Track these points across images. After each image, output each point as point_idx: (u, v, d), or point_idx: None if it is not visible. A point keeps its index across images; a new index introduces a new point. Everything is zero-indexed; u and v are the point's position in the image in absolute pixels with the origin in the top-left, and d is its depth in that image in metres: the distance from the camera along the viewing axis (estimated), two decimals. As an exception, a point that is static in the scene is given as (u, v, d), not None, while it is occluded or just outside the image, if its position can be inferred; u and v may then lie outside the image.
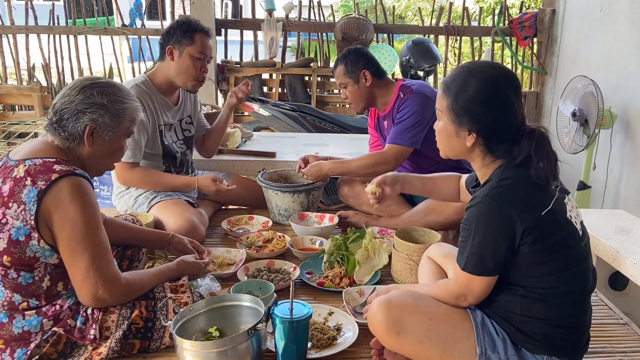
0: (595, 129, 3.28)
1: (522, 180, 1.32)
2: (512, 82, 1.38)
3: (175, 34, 2.35)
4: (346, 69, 2.51)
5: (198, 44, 2.35)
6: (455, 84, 1.39)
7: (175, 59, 2.36)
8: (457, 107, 1.37)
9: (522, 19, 4.99)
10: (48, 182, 1.39)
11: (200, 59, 2.38)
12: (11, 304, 1.42)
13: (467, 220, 1.34)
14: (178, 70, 2.38)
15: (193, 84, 2.43)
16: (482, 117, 1.35)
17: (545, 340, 1.32)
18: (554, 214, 1.29)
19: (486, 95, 1.35)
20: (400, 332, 1.34)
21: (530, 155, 1.31)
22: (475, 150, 1.41)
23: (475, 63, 1.47)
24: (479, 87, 1.35)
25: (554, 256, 1.30)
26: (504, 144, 1.36)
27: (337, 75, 2.55)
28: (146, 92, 2.36)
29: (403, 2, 13.45)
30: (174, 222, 2.22)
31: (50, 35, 5.22)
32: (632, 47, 3.53)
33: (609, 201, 3.69)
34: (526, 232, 1.26)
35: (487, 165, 1.41)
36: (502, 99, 1.35)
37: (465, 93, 1.36)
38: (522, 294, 1.32)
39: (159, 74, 2.43)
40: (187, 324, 1.47)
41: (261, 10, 5.15)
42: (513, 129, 1.35)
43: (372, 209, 2.59)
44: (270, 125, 4.57)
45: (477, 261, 1.30)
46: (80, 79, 1.54)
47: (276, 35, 4.97)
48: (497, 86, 1.36)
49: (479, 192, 1.36)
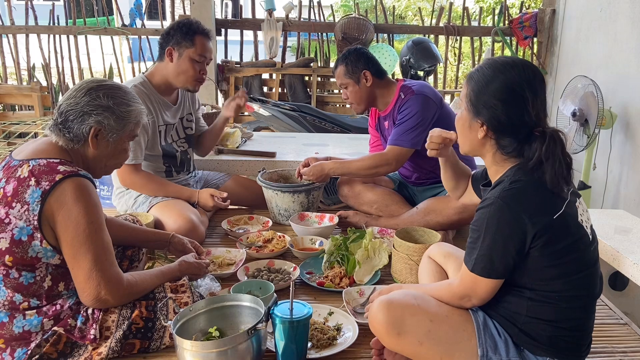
0: (595, 129, 3.28)
1: (534, 183, 1.30)
2: (531, 80, 1.34)
3: (175, 35, 2.34)
4: (347, 70, 2.50)
5: (198, 46, 2.35)
6: (476, 74, 1.39)
7: (175, 60, 2.36)
8: (473, 96, 1.38)
9: (522, 19, 4.99)
10: (52, 183, 1.39)
11: (200, 62, 2.38)
12: (12, 304, 1.42)
13: (477, 221, 1.33)
14: (177, 72, 2.38)
15: (193, 84, 2.43)
16: (494, 109, 1.34)
17: (548, 342, 1.32)
18: (565, 218, 1.28)
19: (501, 88, 1.34)
20: (401, 332, 1.34)
21: (541, 159, 1.30)
22: (486, 145, 1.40)
23: (501, 57, 1.46)
24: (496, 79, 1.35)
25: (563, 260, 1.29)
26: (513, 141, 1.35)
27: (338, 76, 2.55)
28: (145, 92, 2.36)
29: (403, 2, 13.45)
30: (174, 222, 2.22)
31: (50, 35, 5.22)
32: (632, 47, 3.53)
33: (609, 201, 3.69)
34: (537, 235, 1.25)
35: (498, 162, 1.40)
36: (516, 95, 1.33)
37: (482, 84, 1.36)
38: (529, 296, 1.32)
39: (157, 74, 2.42)
40: (187, 324, 1.47)
41: (261, 10, 5.15)
42: (524, 127, 1.34)
43: (372, 208, 2.60)
44: (270, 125, 4.57)
45: (486, 263, 1.29)
46: (87, 80, 1.55)
47: (276, 35, 4.97)
48: (515, 81, 1.33)
49: (490, 193, 1.34)
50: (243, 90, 2.73)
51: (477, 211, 1.35)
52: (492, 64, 1.39)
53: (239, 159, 3.09)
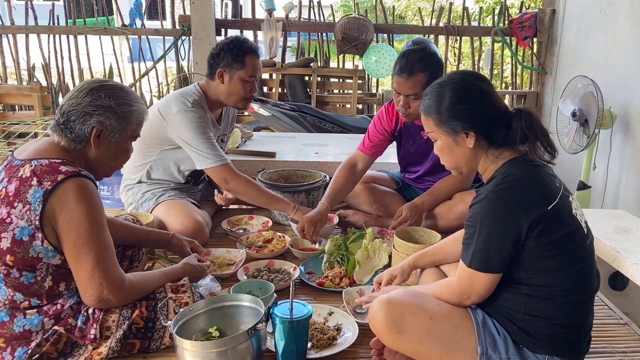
0: (595, 129, 3.28)
1: (526, 176, 1.33)
2: (477, 76, 1.47)
3: (226, 57, 2.32)
4: (427, 81, 2.11)
5: (249, 67, 2.33)
6: (430, 101, 1.45)
7: (226, 82, 2.35)
8: (444, 117, 1.42)
9: (522, 19, 4.99)
10: (54, 183, 1.39)
11: (250, 82, 2.37)
12: (13, 303, 1.43)
13: (471, 217, 1.34)
14: (229, 93, 2.37)
15: (243, 103, 2.43)
16: (470, 113, 1.39)
17: (547, 340, 1.32)
18: (559, 209, 1.30)
19: (462, 94, 1.41)
20: (401, 331, 1.34)
21: (524, 133, 1.35)
22: (478, 151, 1.42)
23: (440, 78, 1.54)
24: (452, 90, 1.42)
25: (559, 251, 1.30)
26: (498, 130, 1.39)
27: (414, 85, 2.15)
28: (203, 110, 2.35)
29: (403, 2, 13.44)
30: (181, 222, 2.23)
31: (50, 35, 5.22)
32: (632, 47, 3.53)
33: (609, 201, 3.69)
34: (532, 226, 1.27)
35: (492, 162, 1.42)
36: (477, 91, 1.41)
37: (443, 102, 1.42)
38: (526, 292, 1.33)
39: (209, 92, 2.41)
40: (187, 324, 1.47)
41: (261, 10, 5.15)
42: (500, 114, 1.40)
43: (372, 208, 2.59)
44: (270, 125, 4.57)
45: (483, 257, 1.31)
46: (89, 80, 1.55)
47: (276, 35, 4.97)
48: (466, 83, 1.43)
49: (482, 189, 1.37)
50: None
51: (470, 207, 1.37)
52: (434, 86, 1.47)
53: (239, 159, 3.09)
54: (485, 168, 1.44)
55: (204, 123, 2.29)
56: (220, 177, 2.28)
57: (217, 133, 2.52)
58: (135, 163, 2.44)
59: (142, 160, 2.43)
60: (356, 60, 6.18)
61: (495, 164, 1.41)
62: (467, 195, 2.32)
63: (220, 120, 2.56)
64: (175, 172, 2.46)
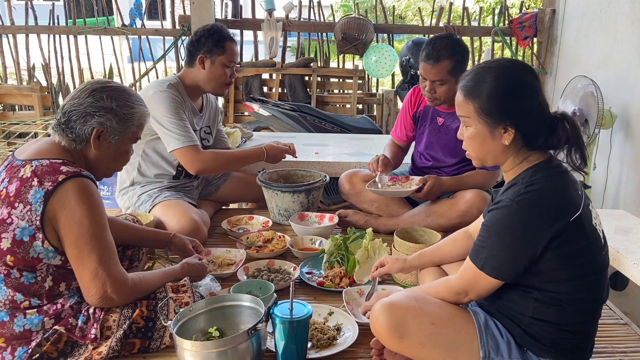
0: (595, 129, 3.28)
1: (550, 185, 1.28)
2: (530, 70, 1.36)
3: (207, 43, 2.38)
4: (453, 68, 2.25)
5: (229, 52, 2.41)
6: (477, 85, 1.33)
7: (207, 67, 2.40)
8: (487, 106, 1.31)
9: (522, 19, 4.98)
10: (55, 183, 1.39)
11: (230, 67, 2.43)
12: (13, 303, 1.43)
13: (489, 221, 1.31)
14: (209, 78, 2.42)
15: (222, 89, 2.50)
16: (516, 109, 1.30)
17: (552, 344, 1.31)
18: (581, 220, 1.26)
19: (512, 85, 1.31)
20: (403, 335, 1.33)
21: (568, 141, 1.29)
22: (510, 150, 1.34)
23: (489, 61, 1.45)
24: (503, 80, 1.32)
25: (576, 262, 1.28)
26: (540, 133, 1.31)
27: (440, 71, 2.27)
28: (179, 93, 2.39)
29: (403, 2, 13.45)
30: (177, 221, 2.23)
31: (50, 35, 5.22)
32: (632, 47, 3.53)
33: (609, 201, 3.69)
34: (552, 239, 1.24)
35: (519, 163, 1.35)
36: (528, 86, 1.31)
37: (491, 89, 1.31)
38: (535, 297, 1.31)
39: (187, 79, 2.46)
40: (187, 324, 1.47)
41: (261, 10, 5.15)
42: (546, 115, 1.32)
43: (372, 207, 2.59)
44: (270, 125, 4.57)
45: (496, 264, 1.28)
46: (91, 81, 1.55)
47: (276, 35, 4.97)
48: (520, 75, 1.33)
49: (504, 195, 1.32)
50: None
51: (489, 212, 1.34)
52: (485, 69, 1.35)
53: (239, 159, 3.08)
54: (510, 168, 1.37)
55: (177, 104, 2.33)
56: (187, 159, 2.33)
57: (200, 123, 2.55)
58: None
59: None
60: (356, 60, 6.18)
61: (521, 167, 1.35)
62: (469, 194, 2.31)
63: (203, 110, 2.58)
64: (164, 163, 2.47)
